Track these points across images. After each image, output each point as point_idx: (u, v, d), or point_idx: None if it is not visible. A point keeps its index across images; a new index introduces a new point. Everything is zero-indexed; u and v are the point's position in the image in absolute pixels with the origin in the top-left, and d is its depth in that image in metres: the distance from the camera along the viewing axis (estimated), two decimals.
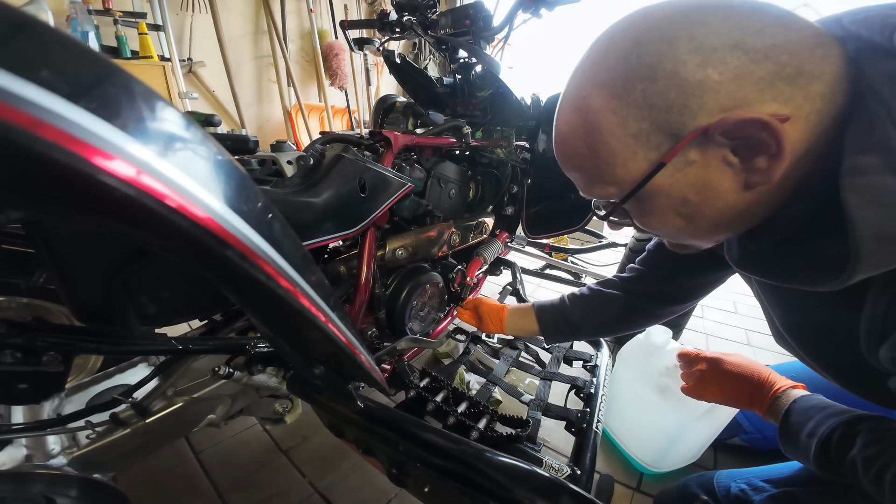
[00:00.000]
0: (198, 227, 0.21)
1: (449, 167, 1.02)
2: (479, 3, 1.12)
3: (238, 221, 0.23)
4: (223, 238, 0.22)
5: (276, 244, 0.26)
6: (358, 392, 0.68)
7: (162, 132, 0.20)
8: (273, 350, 0.48)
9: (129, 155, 0.18)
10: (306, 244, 0.47)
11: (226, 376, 0.46)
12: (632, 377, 0.91)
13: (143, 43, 1.83)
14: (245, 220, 0.23)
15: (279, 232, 0.28)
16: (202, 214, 0.21)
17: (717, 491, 0.68)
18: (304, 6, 2.64)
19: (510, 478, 0.40)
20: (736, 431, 0.93)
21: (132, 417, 0.49)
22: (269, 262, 0.25)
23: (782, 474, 0.65)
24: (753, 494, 0.63)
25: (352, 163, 0.58)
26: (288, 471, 0.86)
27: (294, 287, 0.28)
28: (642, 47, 0.33)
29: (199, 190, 0.21)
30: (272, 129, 2.65)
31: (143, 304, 0.42)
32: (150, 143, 0.19)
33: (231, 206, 0.23)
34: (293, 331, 0.34)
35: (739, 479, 0.67)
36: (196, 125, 0.22)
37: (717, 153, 0.34)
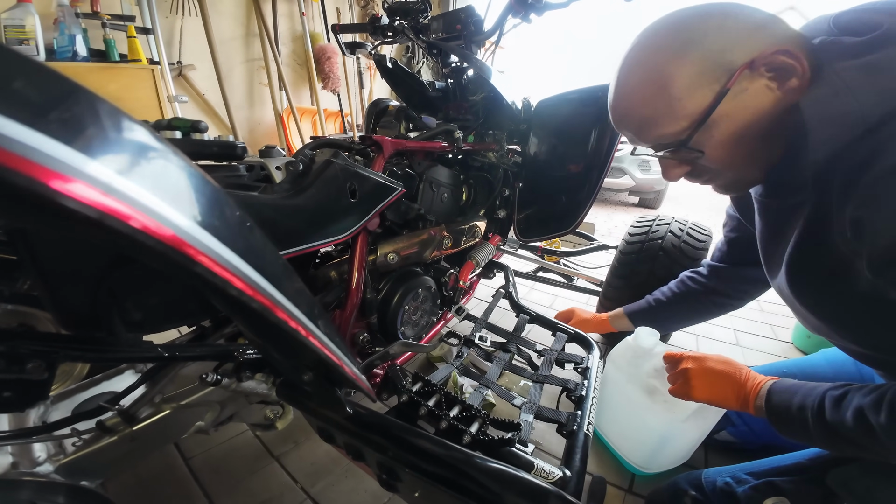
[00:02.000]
0: (163, 246, 0.21)
1: (441, 171, 1.03)
2: (469, 8, 1.13)
3: (207, 237, 0.23)
4: (190, 255, 0.22)
5: (250, 258, 0.26)
6: (349, 398, 0.68)
7: (126, 151, 0.20)
8: (262, 357, 0.48)
9: (89, 177, 0.18)
10: (296, 250, 0.47)
11: (214, 383, 0.46)
12: (621, 379, 0.92)
13: (132, 46, 1.81)
14: (215, 235, 0.23)
15: (254, 245, 0.28)
16: (167, 233, 0.21)
17: (705, 487, 0.70)
18: (296, 9, 2.64)
19: (498, 482, 0.40)
20: (724, 424, 0.94)
21: (119, 424, 0.48)
22: (242, 276, 0.25)
23: (763, 467, 0.68)
24: (737, 486, 0.66)
25: (342, 168, 0.58)
26: (280, 476, 0.86)
27: (269, 301, 0.28)
28: (684, 23, 0.47)
29: (164, 208, 0.21)
30: (264, 133, 2.64)
31: (129, 310, 0.41)
32: (113, 163, 0.19)
33: (199, 222, 0.23)
34: (276, 340, 0.34)
35: (725, 473, 0.70)
36: (164, 141, 0.22)
37: (761, 82, 0.46)
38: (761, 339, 1.61)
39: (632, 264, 1.19)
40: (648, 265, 1.16)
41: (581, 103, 1.06)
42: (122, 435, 0.48)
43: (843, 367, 0.87)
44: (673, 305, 0.97)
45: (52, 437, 0.46)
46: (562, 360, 0.99)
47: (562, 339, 1.07)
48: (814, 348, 1.47)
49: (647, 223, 1.26)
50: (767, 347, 1.55)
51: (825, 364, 0.91)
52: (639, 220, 1.30)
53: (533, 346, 1.08)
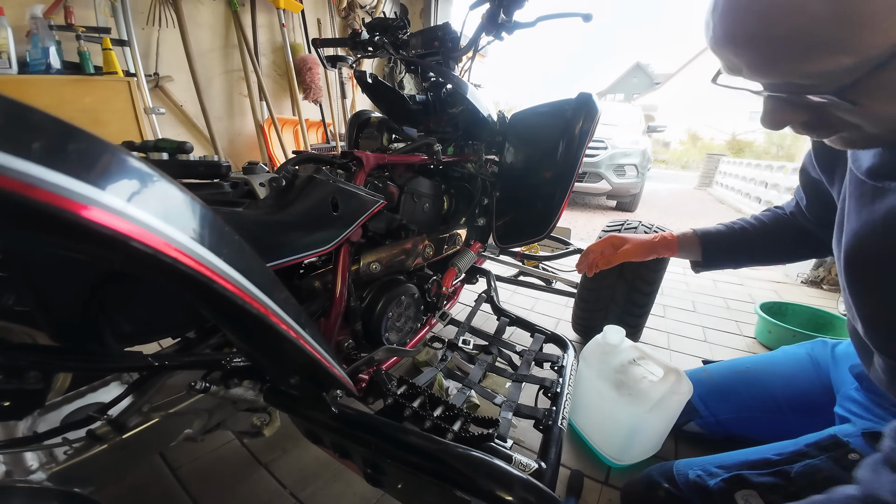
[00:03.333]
0: (182, 267, 0.24)
1: (422, 182, 1.07)
2: (446, 25, 1.18)
3: (206, 253, 0.26)
4: (196, 270, 0.25)
5: (242, 269, 0.30)
6: (336, 401, 0.71)
7: (131, 181, 0.24)
8: (249, 364, 0.51)
9: (105, 205, 0.22)
10: (280, 262, 0.50)
11: (203, 391, 0.48)
12: (592, 375, 0.97)
13: (108, 58, 1.80)
14: (213, 251, 0.27)
15: (245, 258, 0.31)
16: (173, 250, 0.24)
17: (677, 479, 0.72)
18: (276, 21, 2.65)
19: (471, 468, 0.44)
20: (691, 416, 0.99)
21: (109, 433, 0.50)
22: (239, 286, 0.29)
23: (733, 460, 0.70)
24: (709, 479, 0.68)
25: (324, 183, 0.62)
26: (268, 483, 0.87)
27: (264, 307, 0.31)
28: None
29: (169, 228, 0.25)
30: (244, 143, 2.63)
31: (120, 323, 0.44)
32: (122, 192, 0.23)
33: (201, 241, 0.26)
34: (266, 345, 0.38)
35: (696, 466, 0.73)
36: (159, 171, 0.26)
37: None
38: (727, 335, 1.71)
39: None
40: (618, 267, 1.23)
41: (550, 116, 1.13)
42: (113, 443, 0.50)
43: (800, 362, 0.93)
44: (758, 235, 0.84)
45: (42, 446, 0.47)
46: (540, 360, 1.04)
47: (539, 339, 1.12)
48: (775, 343, 1.57)
49: (616, 227, 1.33)
50: (733, 343, 1.64)
51: (783, 358, 0.97)
52: (609, 223, 1.38)
53: (513, 348, 1.12)
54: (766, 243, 0.84)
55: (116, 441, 0.52)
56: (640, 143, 4.84)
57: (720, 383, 0.99)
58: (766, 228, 0.84)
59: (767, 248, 0.84)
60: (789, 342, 1.50)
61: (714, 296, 2.16)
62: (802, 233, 0.80)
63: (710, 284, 2.34)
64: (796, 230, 0.81)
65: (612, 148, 4.73)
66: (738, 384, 0.97)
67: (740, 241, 0.85)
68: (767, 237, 0.83)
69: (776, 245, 0.84)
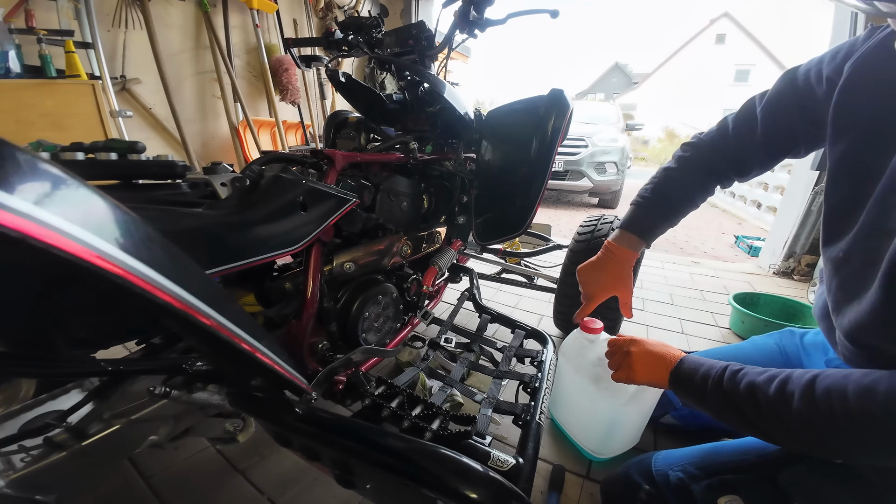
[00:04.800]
0: (86, 264, 0.24)
1: (399, 181, 1.06)
2: (421, 24, 1.18)
3: (125, 257, 0.26)
4: (113, 272, 0.25)
5: (171, 273, 0.29)
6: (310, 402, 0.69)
7: (38, 185, 0.23)
8: (211, 367, 0.49)
9: (10, 208, 0.21)
10: (243, 263, 0.49)
11: (163, 396, 0.46)
12: (571, 369, 0.97)
13: (71, 61, 1.73)
14: (134, 255, 0.26)
15: (175, 260, 0.31)
16: (83, 251, 0.24)
17: (656, 478, 0.71)
18: (250, 21, 2.60)
19: (435, 464, 0.43)
20: (667, 408, 1.01)
21: (67, 440, 0.48)
22: (165, 290, 0.28)
23: (715, 461, 0.68)
24: (691, 483, 0.66)
25: (291, 182, 0.60)
26: (246, 490, 0.85)
27: (191, 308, 0.31)
28: None
29: (80, 231, 0.24)
30: (218, 146, 2.57)
31: (73, 328, 0.42)
32: (29, 196, 0.22)
33: (118, 244, 0.26)
34: (213, 350, 0.36)
35: (675, 465, 0.71)
36: (74, 176, 0.25)
37: None
38: (703, 326, 1.76)
39: (580, 262, 1.27)
40: None
41: (524, 112, 1.14)
42: (72, 450, 0.48)
43: (770, 353, 0.94)
44: (674, 194, 0.83)
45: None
46: (521, 356, 1.05)
47: (520, 335, 1.12)
48: (748, 333, 1.62)
49: (592, 222, 1.35)
50: (709, 334, 1.68)
51: (753, 349, 0.99)
52: (586, 220, 1.40)
53: (494, 344, 1.13)
54: (683, 197, 0.83)
55: (75, 448, 0.50)
56: (619, 141, 4.94)
57: None
58: (680, 183, 0.83)
59: (684, 201, 0.83)
60: (761, 331, 1.54)
61: (691, 288, 2.22)
62: (709, 169, 0.80)
63: (688, 277, 2.40)
64: (703, 169, 0.81)
65: (593, 146, 4.81)
66: None
67: (662, 210, 0.84)
68: (683, 191, 0.82)
69: (691, 195, 0.83)
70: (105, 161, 0.47)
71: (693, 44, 24.36)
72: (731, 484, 0.62)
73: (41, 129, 1.56)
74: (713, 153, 0.80)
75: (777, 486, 0.60)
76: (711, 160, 0.80)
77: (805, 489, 0.57)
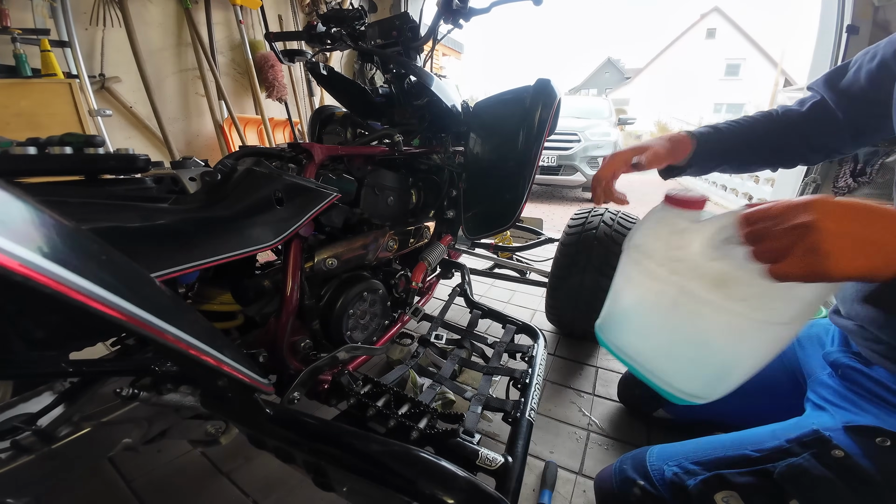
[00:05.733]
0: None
1: (385, 175, 1.04)
2: (405, 15, 1.15)
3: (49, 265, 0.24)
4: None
5: (98, 278, 0.27)
6: (293, 404, 0.67)
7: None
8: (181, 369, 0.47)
9: None
10: (210, 260, 0.46)
11: (130, 397, 0.44)
12: (659, 272, 0.54)
13: (46, 60, 1.68)
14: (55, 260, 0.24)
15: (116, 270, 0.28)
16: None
17: (651, 475, 0.68)
18: (233, 18, 2.55)
19: (408, 468, 0.41)
20: (661, 402, 1.00)
21: (35, 444, 0.46)
22: (102, 301, 0.26)
23: (711, 456, 0.66)
24: (687, 478, 0.63)
25: (264, 176, 0.58)
26: (230, 492, 0.83)
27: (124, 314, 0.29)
28: None
29: (19, 249, 0.22)
30: (203, 145, 2.52)
31: (28, 329, 0.39)
32: None
33: (48, 256, 0.24)
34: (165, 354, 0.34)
35: (671, 461, 0.68)
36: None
37: None
38: None
39: (571, 255, 1.26)
40: (586, 254, 1.23)
41: (511, 103, 1.12)
42: (41, 453, 0.46)
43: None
44: (745, 135, 0.74)
45: None
46: (511, 351, 1.03)
47: (511, 330, 1.11)
48: None
49: (583, 215, 1.33)
50: None
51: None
52: (576, 213, 1.38)
53: (485, 340, 1.11)
54: (751, 143, 0.75)
55: (45, 451, 0.48)
56: (611, 136, 4.94)
57: None
58: (753, 129, 0.75)
59: (752, 148, 0.76)
60: None
61: None
62: (792, 137, 0.74)
63: None
64: (786, 133, 0.74)
65: (585, 140, 4.81)
66: None
67: (732, 136, 0.75)
68: (755, 138, 0.75)
69: (762, 148, 0.76)
70: (58, 156, 0.44)
71: (684, 39, 24.44)
72: (728, 480, 0.60)
73: (16, 130, 1.51)
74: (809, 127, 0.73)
75: (774, 481, 0.58)
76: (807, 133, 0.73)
77: (802, 485, 0.56)
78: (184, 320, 0.34)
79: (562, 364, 1.35)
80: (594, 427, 1.07)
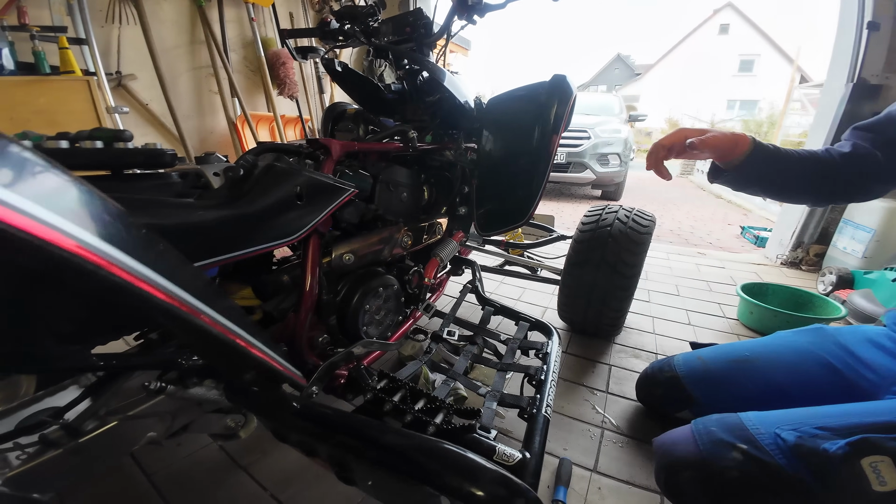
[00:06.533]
0: (66, 254, 0.22)
1: (398, 171, 1.04)
2: (418, 11, 1.15)
3: (110, 249, 0.24)
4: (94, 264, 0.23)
5: (156, 264, 0.28)
6: (312, 398, 0.68)
7: (15, 173, 0.21)
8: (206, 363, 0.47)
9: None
10: (234, 255, 0.47)
11: (157, 391, 0.45)
12: None
13: (65, 58, 1.71)
14: (119, 247, 0.25)
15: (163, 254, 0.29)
16: (69, 244, 0.22)
17: (757, 438, 0.62)
18: (245, 15, 2.57)
19: (436, 460, 0.41)
20: (686, 404, 0.98)
21: (62, 438, 0.47)
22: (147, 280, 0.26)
23: (844, 422, 0.60)
24: (821, 442, 0.57)
25: (285, 171, 0.58)
26: (248, 486, 0.84)
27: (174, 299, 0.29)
28: None
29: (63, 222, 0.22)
30: (217, 142, 2.54)
31: (57, 323, 0.40)
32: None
33: (104, 238, 0.24)
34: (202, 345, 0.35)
35: (785, 425, 0.62)
36: (59, 166, 0.23)
37: None
38: (710, 317, 1.73)
39: (585, 252, 1.25)
40: (600, 251, 1.22)
41: (526, 100, 1.11)
42: (68, 447, 0.47)
43: (802, 353, 0.89)
44: (801, 162, 0.76)
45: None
46: (525, 348, 1.03)
47: (524, 327, 1.11)
48: (756, 324, 1.59)
49: (597, 212, 1.32)
50: (716, 325, 1.66)
51: (782, 347, 0.94)
52: (590, 210, 1.37)
53: (498, 337, 1.11)
54: (805, 171, 0.76)
55: (71, 445, 0.50)
56: (622, 133, 4.88)
57: (716, 372, 0.96)
58: (813, 158, 0.77)
59: (805, 176, 0.77)
60: (770, 321, 1.53)
61: (697, 279, 2.19)
62: (839, 177, 0.75)
63: (693, 268, 2.37)
64: (835, 172, 0.75)
65: (595, 138, 4.76)
66: (737, 373, 0.93)
67: (783, 159, 0.76)
68: (810, 166, 0.76)
69: (814, 178, 0.77)
70: (89, 150, 0.45)
71: (696, 34, 24.02)
72: (877, 444, 0.55)
73: (36, 127, 1.53)
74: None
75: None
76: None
77: None
78: (229, 309, 0.35)
79: (574, 362, 1.34)
80: (608, 424, 1.07)
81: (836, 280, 1.93)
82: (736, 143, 0.74)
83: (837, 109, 2.16)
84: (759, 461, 0.59)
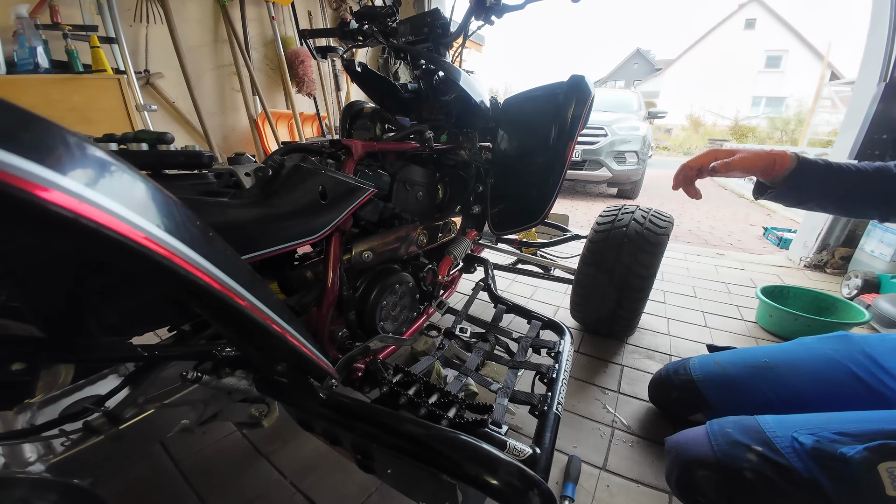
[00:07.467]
0: (140, 248, 0.25)
1: (415, 171, 1.06)
2: (436, 11, 1.16)
3: (175, 242, 0.27)
4: (165, 256, 0.25)
5: (211, 257, 0.30)
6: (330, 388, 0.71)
7: (93, 170, 0.24)
8: (240, 353, 0.50)
9: (65, 188, 0.22)
10: (266, 251, 0.50)
11: (195, 380, 0.48)
12: None
13: (96, 56, 1.78)
14: (181, 240, 0.27)
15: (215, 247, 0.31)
16: (140, 236, 0.25)
17: (773, 441, 0.62)
18: (266, 14, 2.62)
19: (455, 450, 0.43)
20: (700, 407, 0.97)
21: (105, 425, 0.51)
22: (206, 271, 0.29)
23: (862, 429, 0.60)
24: (839, 447, 0.57)
25: (310, 171, 0.61)
26: (269, 473, 0.88)
27: (231, 291, 0.31)
28: None
29: (133, 216, 0.25)
30: (238, 139, 2.61)
31: (105, 315, 0.43)
32: (83, 179, 0.23)
33: (167, 230, 0.27)
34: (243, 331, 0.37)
35: (802, 430, 0.62)
36: (127, 163, 0.26)
37: None
38: (728, 319, 1.70)
39: (600, 252, 1.25)
40: (615, 252, 1.22)
41: (542, 100, 1.11)
42: (109, 434, 0.51)
43: (826, 361, 0.87)
44: (853, 177, 0.72)
45: (40, 438, 0.48)
46: (537, 346, 1.04)
47: (536, 326, 1.12)
48: (775, 327, 1.56)
49: (613, 212, 1.32)
50: (734, 328, 1.63)
51: (804, 353, 0.92)
52: (606, 209, 1.36)
53: (510, 335, 1.12)
54: (856, 188, 0.72)
55: (112, 432, 0.53)
56: (640, 130, 4.78)
57: (735, 377, 0.94)
58: (864, 175, 0.72)
59: (856, 192, 0.73)
60: (790, 326, 1.50)
61: (715, 280, 2.15)
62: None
63: (712, 270, 2.33)
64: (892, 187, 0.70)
65: (612, 135, 4.68)
66: (756, 379, 0.92)
67: (837, 172, 0.72)
68: (861, 182, 0.72)
69: (866, 195, 0.73)
70: (136, 151, 0.48)
71: (720, 29, 23.25)
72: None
73: (70, 124, 1.58)
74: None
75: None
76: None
77: None
78: (275, 302, 0.38)
79: (586, 361, 1.35)
80: (619, 424, 1.07)
81: (861, 283, 1.87)
82: (773, 163, 0.71)
83: (869, 109, 2.08)
84: (775, 463, 0.59)
